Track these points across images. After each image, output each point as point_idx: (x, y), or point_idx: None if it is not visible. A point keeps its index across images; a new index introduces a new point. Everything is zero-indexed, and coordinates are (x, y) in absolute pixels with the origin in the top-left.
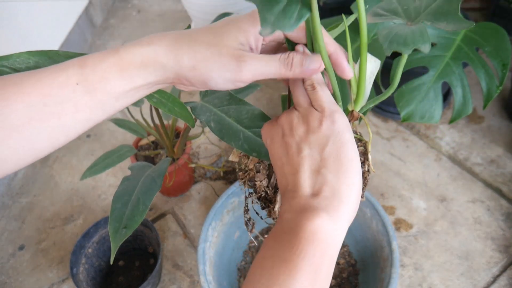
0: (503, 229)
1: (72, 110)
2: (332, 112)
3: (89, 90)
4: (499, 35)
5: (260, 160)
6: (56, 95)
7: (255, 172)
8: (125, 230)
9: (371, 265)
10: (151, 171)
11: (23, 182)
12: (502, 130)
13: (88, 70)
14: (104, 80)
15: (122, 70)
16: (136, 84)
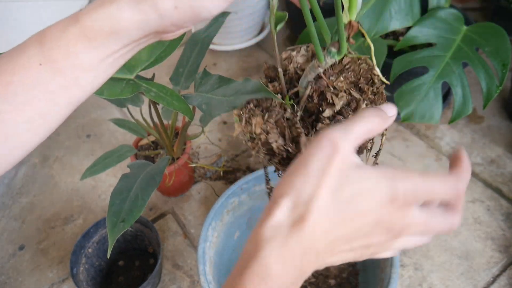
0: (503, 229)
1: (45, 96)
2: None
3: (57, 70)
4: (499, 35)
5: (265, 121)
6: (21, 81)
7: (266, 134)
8: (123, 224)
9: (371, 265)
10: (150, 169)
11: (23, 182)
12: (502, 130)
13: (49, 46)
14: (70, 55)
15: (89, 41)
16: (110, 50)
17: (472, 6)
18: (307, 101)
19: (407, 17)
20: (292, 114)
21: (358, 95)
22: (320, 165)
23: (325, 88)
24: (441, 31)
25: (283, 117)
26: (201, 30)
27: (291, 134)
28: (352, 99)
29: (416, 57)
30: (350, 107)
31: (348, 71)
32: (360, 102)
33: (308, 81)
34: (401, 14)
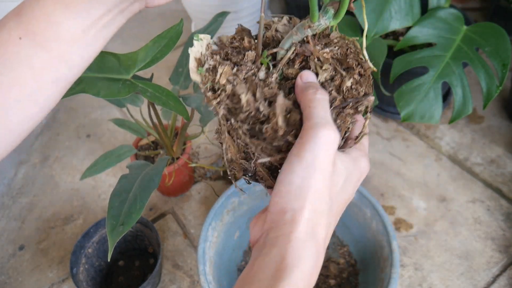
0: (503, 229)
1: (30, 73)
2: None
3: (38, 43)
4: (499, 35)
5: (234, 73)
6: (3, 59)
7: (232, 86)
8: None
9: (371, 265)
10: (149, 169)
11: (23, 182)
12: (502, 130)
13: (27, 18)
14: (50, 26)
15: (68, 7)
16: (92, 17)
17: (472, 6)
18: (286, 65)
19: (407, 17)
20: (267, 74)
21: (344, 72)
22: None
23: (310, 55)
24: (441, 31)
25: (255, 75)
26: (200, 29)
27: (264, 94)
28: (336, 74)
29: (416, 57)
30: (333, 82)
31: (336, 46)
32: (345, 79)
33: (293, 42)
34: (401, 14)
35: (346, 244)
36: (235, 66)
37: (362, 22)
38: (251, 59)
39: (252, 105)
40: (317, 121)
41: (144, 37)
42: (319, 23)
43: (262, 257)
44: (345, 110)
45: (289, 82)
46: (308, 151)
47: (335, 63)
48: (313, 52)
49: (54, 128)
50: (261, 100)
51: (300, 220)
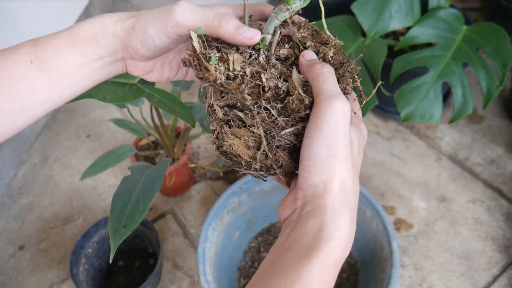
0: (503, 229)
1: (27, 92)
2: None
3: (43, 68)
4: (499, 35)
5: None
6: (10, 75)
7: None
8: (125, 229)
9: (371, 265)
10: (151, 171)
11: (23, 182)
12: (502, 130)
13: (41, 47)
14: (56, 55)
15: (74, 45)
16: (88, 59)
17: (472, 6)
18: (277, 47)
19: (407, 17)
20: (267, 57)
21: (323, 47)
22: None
23: (294, 35)
24: (441, 31)
25: (257, 59)
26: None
27: (274, 73)
28: (318, 49)
29: (416, 57)
30: (319, 55)
31: (304, 27)
32: (327, 51)
33: (275, 26)
34: (401, 14)
35: None
36: (237, 52)
37: (362, 22)
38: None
39: (271, 83)
40: (329, 94)
41: None
42: (295, 5)
43: (298, 230)
44: (343, 75)
45: (286, 62)
46: (327, 124)
47: (313, 40)
48: (295, 33)
49: (54, 128)
50: (276, 78)
51: (332, 190)
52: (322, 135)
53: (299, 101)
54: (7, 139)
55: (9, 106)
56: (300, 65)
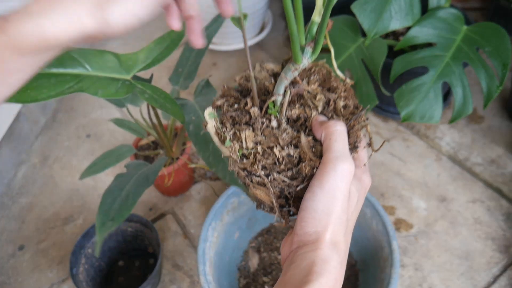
0: (503, 229)
1: None
2: None
3: None
4: (499, 35)
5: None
6: None
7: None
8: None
9: (371, 265)
10: (146, 169)
11: (22, 182)
12: (503, 130)
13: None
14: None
15: (18, 51)
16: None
17: (472, 6)
18: (288, 107)
19: (407, 17)
20: (278, 121)
21: (333, 95)
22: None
23: (304, 92)
24: (441, 31)
25: (269, 126)
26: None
27: (286, 141)
28: (329, 100)
29: (416, 57)
30: (329, 107)
31: (315, 73)
32: (338, 101)
33: (285, 86)
34: (401, 14)
35: None
36: (249, 125)
37: (362, 22)
38: (258, 115)
39: (283, 153)
40: (337, 154)
41: (144, 37)
42: (303, 64)
43: (292, 270)
44: (353, 128)
45: (298, 123)
46: (329, 182)
47: (322, 90)
48: (304, 89)
49: (54, 128)
50: (287, 146)
51: (324, 239)
52: (322, 193)
53: (310, 166)
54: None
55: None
56: (313, 126)
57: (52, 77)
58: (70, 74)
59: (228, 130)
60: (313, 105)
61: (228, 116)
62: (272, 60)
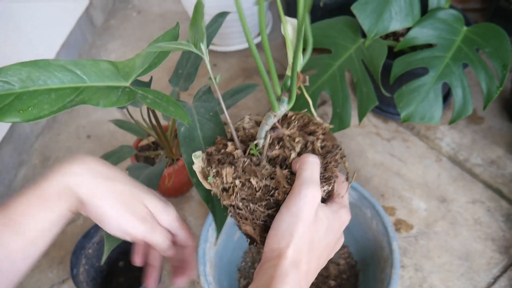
0: (503, 230)
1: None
2: None
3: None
4: (499, 36)
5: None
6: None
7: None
8: None
9: (371, 266)
10: (148, 171)
11: (23, 182)
12: (503, 131)
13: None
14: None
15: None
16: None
17: (472, 6)
18: (269, 149)
19: (407, 18)
20: (258, 159)
21: (311, 137)
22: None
23: (283, 135)
24: (441, 32)
25: (250, 164)
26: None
27: (264, 175)
28: (307, 142)
29: (416, 58)
30: (307, 149)
31: (295, 120)
32: (315, 142)
33: (266, 131)
34: (401, 15)
35: (346, 244)
36: (231, 164)
37: (362, 23)
38: (241, 155)
39: (260, 184)
40: (304, 181)
41: (144, 38)
42: (280, 111)
43: (255, 283)
44: (329, 164)
45: (276, 161)
46: (294, 205)
47: (302, 134)
48: (284, 133)
49: (55, 128)
50: (265, 178)
51: (285, 256)
52: (288, 213)
53: (284, 193)
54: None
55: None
56: (292, 163)
57: (52, 92)
58: (69, 88)
59: (212, 168)
60: (292, 147)
61: (215, 159)
62: None
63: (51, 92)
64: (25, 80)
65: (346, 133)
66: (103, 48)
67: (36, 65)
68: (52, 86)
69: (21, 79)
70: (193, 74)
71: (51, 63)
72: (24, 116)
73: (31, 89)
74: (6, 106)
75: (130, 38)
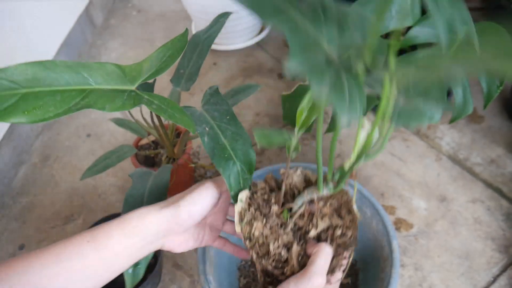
0: (503, 229)
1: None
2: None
3: (96, 246)
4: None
5: (263, 226)
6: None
7: (264, 238)
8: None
9: (371, 265)
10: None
11: (23, 182)
12: (503, 130)
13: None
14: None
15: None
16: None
17: (473, 6)
18: (298, 217)
19: (408, 17)
20: (285, 224)
21: (338, 221)
22: None
23: (316, 211)
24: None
25: (278, 225)
26: (202, 31)
27: (283, 242)
28: (331, 224)
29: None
30: (328, 231)
31: (333, 199)
32: (336, 229)
33: (304, 201)
34: (402, 14)
35: None
36: (264, 217)
37: None
38: (275, 212)
39: (276, 251)
40: (316, 269)
41: (144, 37)
42: (323, 193)
43: None
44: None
45: (301, 231)
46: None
47: (333, 213)
48: (318, 209)
49: (55, 127)
50: (282, 246)
51: None
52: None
53: (291, 272)
54: None
55: (60, 280)
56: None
57: (57, 94)
58: (75, 90)
59: (247, 214)
60: (316, 225)
61: (255, 202)
62: (272, 59)
63: (56, 94)
64: (31, 80)
65: (346, 132)
66: (103, 47)
67: (42, 66)
68: (58, 87)
69: (27, 79)
70: (195, 74)
71: (57, 64)
72: (28, 117)
73: (36, 89)
74: (11, 107)
75: (130, 37)
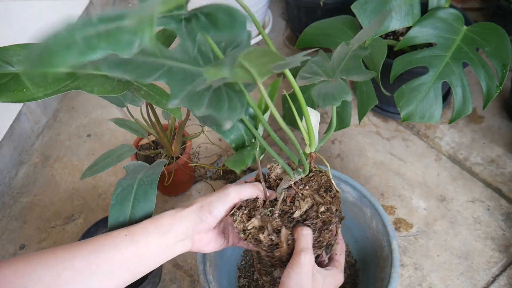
0: (503, 229)
1: (118, 257)
2: None
3: (133, 240)
4: (499, 35)
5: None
6: (108, 244)
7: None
8: None
9: (371, 265)
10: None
11: (23, 181)
12: (502, 130)
13: (134, 227)
14: (144, 232)
15: (156, 227)
16: (166, 237)
17: (472, 6)
18: (282, 204)
19: (407, 17)
20: (272, 212)
21: (320, 199)
22: None
23: (296, 195)
24: (441, 31)
25: (266, 214)
26: None
27: (273, 226)
28: (314, 203)
29: (416, 57)
30: (312, 210)
31: (312, 181)
32: (320, 206)
33: (283, 188)
34: (401, 14)
35: (346, 243)
36: (253, 210)
37: (362, 22)
38: (261, 204)
39: (268, 238)
40: (301, 250)
41: None
42: (295, 178)
43: None
44: (324, 230)
45: (287, 214)
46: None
47: (314, 193)
48: (297, 192)
49: (55, 127)
50: (272, 232)
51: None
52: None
53: (281, 253)
54: None
55: (102, 268)
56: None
57: (48, 76)
58: (66, 72)
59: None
60: (299, 206)
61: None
62: None
63: (47, 76)
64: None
65: (346, 132)
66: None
67: None
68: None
69: (20, 60)
70: None
71: None
72: (17, 97)
73: (27, 70)
74: (1, 86)
75: None
